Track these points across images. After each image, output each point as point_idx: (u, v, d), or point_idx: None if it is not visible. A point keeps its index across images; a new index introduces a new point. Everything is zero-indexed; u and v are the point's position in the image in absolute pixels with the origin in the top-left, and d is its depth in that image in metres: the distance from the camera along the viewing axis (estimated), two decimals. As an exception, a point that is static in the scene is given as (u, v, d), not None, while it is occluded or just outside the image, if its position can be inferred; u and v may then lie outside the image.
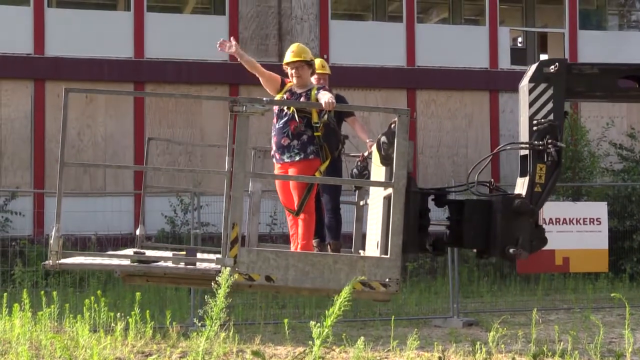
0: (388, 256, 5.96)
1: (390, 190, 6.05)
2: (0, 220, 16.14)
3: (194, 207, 13.99)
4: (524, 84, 6.58)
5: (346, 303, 5.28)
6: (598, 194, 17.07)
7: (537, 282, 15.34)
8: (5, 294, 10.04)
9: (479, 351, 7.79)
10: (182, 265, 6.13)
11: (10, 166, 17.14)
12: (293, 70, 7.05)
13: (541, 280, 15.29)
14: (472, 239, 6.51)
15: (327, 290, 6.12)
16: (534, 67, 6.55)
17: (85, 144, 17.41)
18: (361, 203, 8.06)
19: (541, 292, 14.75)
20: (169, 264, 6.21)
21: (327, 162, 7.05)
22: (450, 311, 12.04)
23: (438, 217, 6.83)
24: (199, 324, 5.75)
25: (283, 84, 7.12)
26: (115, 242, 16.06)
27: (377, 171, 6.94)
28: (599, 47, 20.13)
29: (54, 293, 9.77)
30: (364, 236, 7.63)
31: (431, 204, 6.62)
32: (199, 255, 6.93)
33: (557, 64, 6.46)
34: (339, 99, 7.93)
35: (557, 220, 13.57)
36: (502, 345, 7.97)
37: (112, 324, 9.14)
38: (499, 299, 14.32)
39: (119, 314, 9.18)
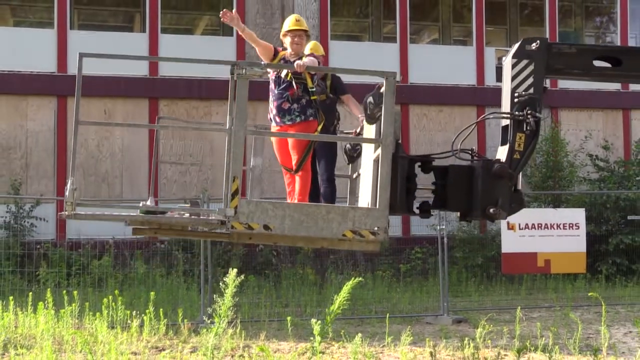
0: (377, 207, 5.96)
1: (379, 152, 6.04)
2: (26, 226, 16.08)
3: (204, 213, 13.97)
4: (508, 59, 6.58)
5: (345, 302, 5.28)
6: (576, 201, 17.08)
7: (520, 282, 15.31)
8: (30, 293, 10.04)
9: (467, 346, 7.78)
10: (186, 215, 6.11)
11: (36, 175, 17.12)
12: (296, 38, 7.08)
13: (524, 280, 15.26)
14: (455, 202, 6.50)
15: (320, 240, 6.12)
16: (517, 44, 6.56)
17: (104, 154, 17.39)
18: (354, 176, 7.99)
19: (524, 291, 14.73)
20: (175, 215, 6.21)
21: (322, 124, 7.10)
22: (441, 309, 12.01)
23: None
24: (209, 321, 5.75)
25: (276, 53, 7.13)
26: (130, 245, 16.04)
27: (369, 133, 6.89)
28: (577, 66, 20.16)
29: (75, 292, 9.77)
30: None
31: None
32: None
33: (538, 41, 6.48)
34: (334, 78, 7.98)
35: (539, 225, 13.55)
36: (489, 341, 7.97)
37: (128, 321, 9.14)
38: (485, 298, 14.30)
39: (134, 311, 9.18)
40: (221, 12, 6.76)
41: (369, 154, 6.77)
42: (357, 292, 12.58)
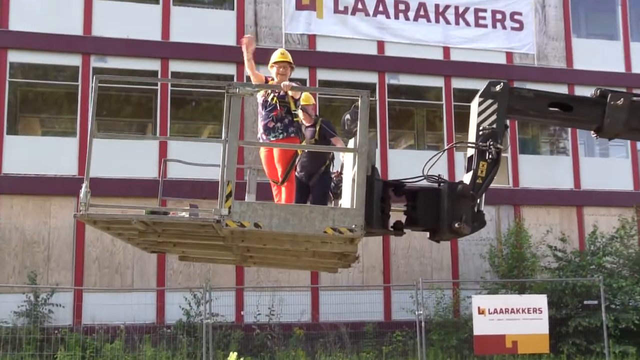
0: (354, 207, 6.11)
1: (356, 170, 6.17)
2: (44, 312, 16.50)
3: (206, 300, 14.53)
4: (475, 99, 6.96)
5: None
6: (539, 288, 17.50)
7: (491, 361, 15.72)
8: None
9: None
10: (186, 215, 6.41)
11: (56, 267, 17.65)
12: (281, 69, 7.47)
13: (494, 360, 15.66)
14: (425, 220, 6.68)
15: (304, 242, 6.33)
16: (484, 86, 6.99)
17: (117, 247, 17.95)
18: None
19: (495, 370, 15.07)
20: (177, 215, 6.53)
21: (304, 141, 7.55)
22: (419, 386, 12.40)
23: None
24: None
25: (266, 82, 7.57)
26: (140, 330, 16.48)
27: (348, 162, 7.01)
28: (535, 168, 21.14)
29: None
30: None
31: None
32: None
33: (502, 84, 6.91)
34: (325, 122, 8.35)
35: (507, 309, 14.17)
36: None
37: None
38: (460, 376, 14.63)
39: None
40: (241, 39, 7.31)
41: (348, 171, 6.90)
42: (344, 371, 12.94)
